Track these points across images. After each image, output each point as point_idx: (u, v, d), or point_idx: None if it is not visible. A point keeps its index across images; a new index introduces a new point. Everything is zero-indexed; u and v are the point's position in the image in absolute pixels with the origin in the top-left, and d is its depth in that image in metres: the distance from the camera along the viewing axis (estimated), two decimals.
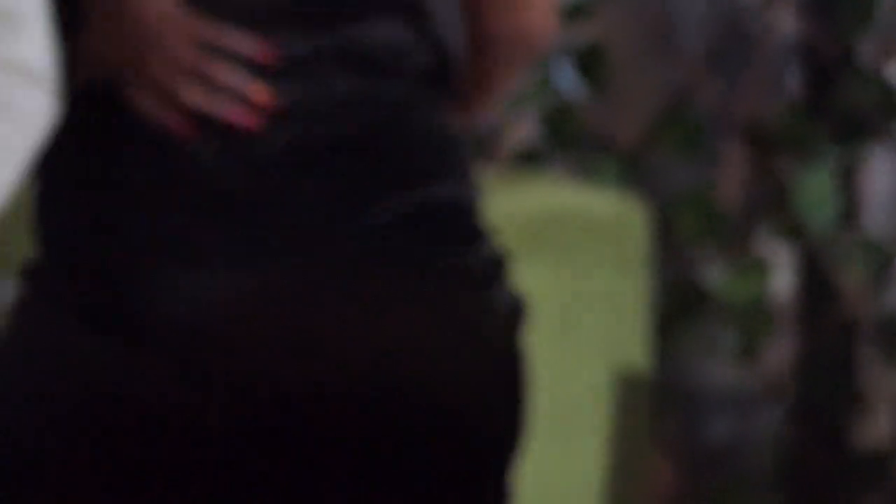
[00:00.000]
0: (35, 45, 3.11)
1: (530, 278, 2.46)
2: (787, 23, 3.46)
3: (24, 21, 3.15)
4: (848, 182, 3.15)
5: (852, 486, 3.13)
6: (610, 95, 3.34)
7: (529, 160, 2.87)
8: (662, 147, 3.25)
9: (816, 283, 3.12)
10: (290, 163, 1.09)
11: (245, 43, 1.36)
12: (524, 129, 3.34)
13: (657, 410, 3.21)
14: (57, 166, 1.04)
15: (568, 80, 3.00)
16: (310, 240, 1.41)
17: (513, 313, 1.37)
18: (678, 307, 3.04)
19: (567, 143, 2.92)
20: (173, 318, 1.38)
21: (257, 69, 1.32)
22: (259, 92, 1.05)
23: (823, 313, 3.13)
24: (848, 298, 3.11)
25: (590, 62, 2.96)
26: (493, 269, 1.37)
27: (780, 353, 3.26)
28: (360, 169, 1.01)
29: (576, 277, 2.44)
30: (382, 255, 1.39)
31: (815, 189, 3.06)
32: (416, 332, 1.38)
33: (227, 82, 0.93)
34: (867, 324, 3.13)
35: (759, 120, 3.44)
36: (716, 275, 3.18)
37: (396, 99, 1.41)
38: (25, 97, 2.95)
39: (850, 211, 3.12)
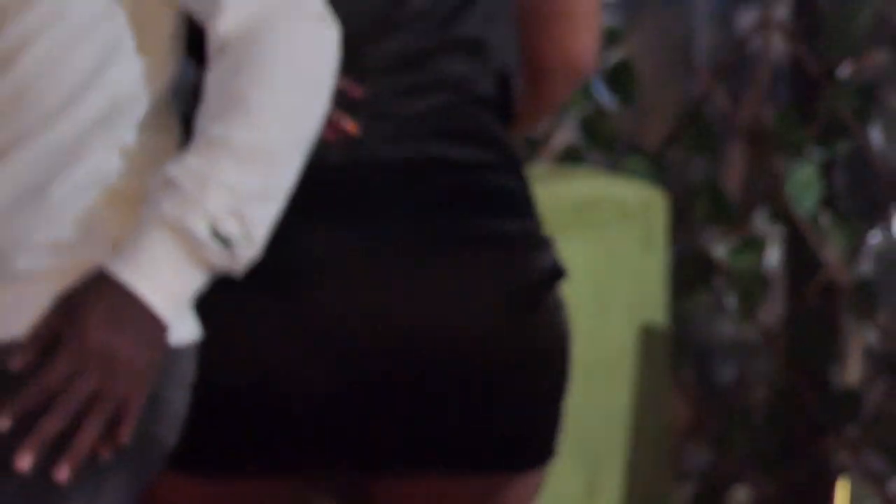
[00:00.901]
0: None
1: (572, 251, 2.65)
2: (779, 45, 3.67)
3: None
4: (828, 174, 3.39)
5: (833, 418, 3.36)
6: (637, 104, 3.50)
7: (571, 157, 3.16)
8: (680, 146, 3.45)
9: (803, 255, 3.36)
10: (395, 170, 1.46)
11: (343, 82, 1.44)
12: (566, 132, 3.70)
13: (674, 359, 3.42)
14: None
15: (602, 91, 3.27)
16: (399, 222, 1.45)
17: (554, 274, 1.48)
18: (691, 275, 3.36)
19: (602, 143, 3.25)
20: (313, 272, 1.43)
21: (357, 102, 1.45)
22: (347, 123, 1.41)
23: (808, 280, 3.36)
24: (828, 267, 3.33)
25: (620, 77, 3.25)
26: (539, 240, 1.48)
27: (773, 312, 3.60)
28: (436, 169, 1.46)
29: (609, 251, 2.69)
30: (455, 230, 1.45)
31: (802, 180, 3.26)
32: (475, 289, 1.44)
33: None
34: (843, 288, 3.35)
35: (758, 124, 3.55)
36: (722, 249, 3.37)
37: (468, 121, 1.50)
38: None
39: (829, 197, 3.39)
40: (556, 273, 1.58)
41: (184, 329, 1.46)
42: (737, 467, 3.39)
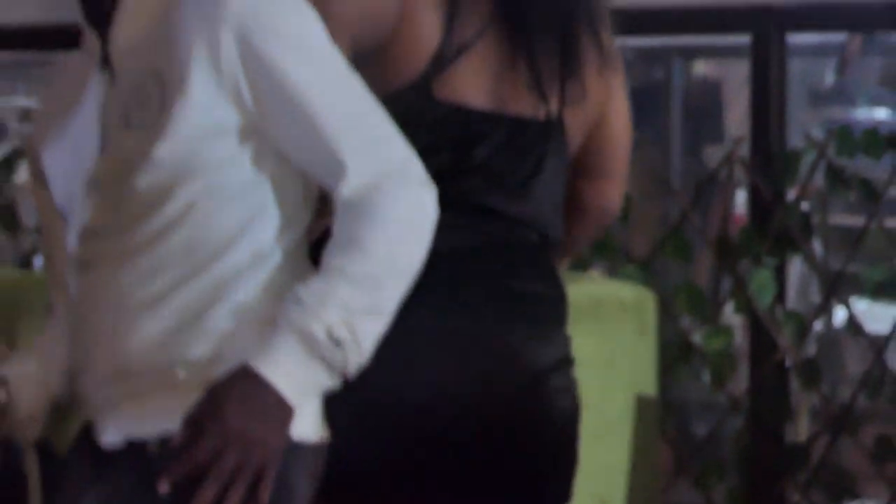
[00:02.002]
0: None
1: (582, 339, 2.48)
2: (741, 175, 4.02)
3: None
4: (780, 277, 3.75)
5: (787, 466, 3.76)
6: (629, 222, 3.72)
7: (579, 266, 3.57)
8: (664, 255, 3.92)
9: (762, 340, 3.76)
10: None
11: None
12: None
13: (662, 419, 3.66)
14: None
15: None
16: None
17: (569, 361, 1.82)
18: (676, 356, 3.75)
19: (604, 254, 3.74)
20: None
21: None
22: None
23: (767, 358, 3.74)
24: (782, 349, 3.70)
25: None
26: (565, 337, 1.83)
27: (739, 382, 3.85)
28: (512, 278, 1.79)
29: (611, 338, 3.08)
30: (531, 318, 1.79)
31: (761, 282, 3.68)
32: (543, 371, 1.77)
33: None
34: (794, 364, 3.75)
35: (725, 237, 3.94)
36: (699, 335, 3.78)
37: (522, 254, 1.80)
38: None
39: (781, 295, 3.79)
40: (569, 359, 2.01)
41: (311, 429, 1.72)
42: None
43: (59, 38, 4.36)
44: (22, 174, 4.73)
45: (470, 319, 2.03)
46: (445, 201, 1.81)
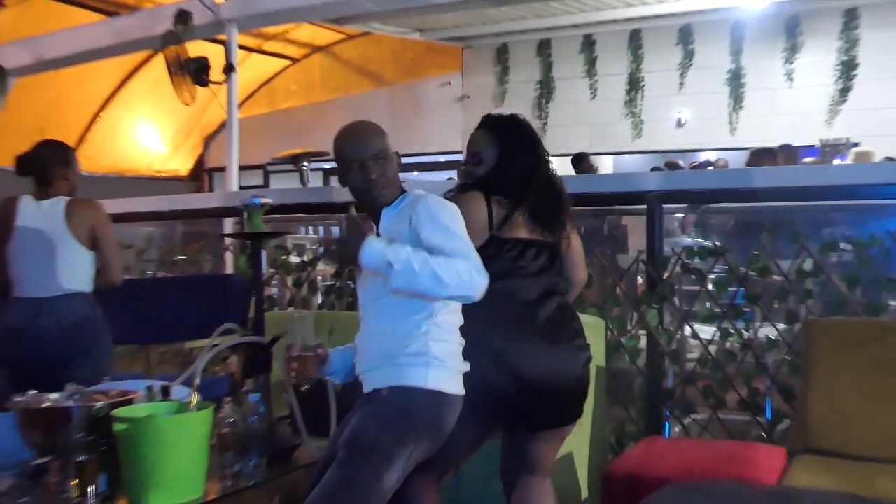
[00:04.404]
0: None
1: None
2: (642, 267, 5.26)
3: None
4: (660, 314, 5.07)
5: (663, 399, 5.06)
6: (591, 287, 5.00)
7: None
8: (608, 304, 5.31)
9: (652, 342, 5.11)
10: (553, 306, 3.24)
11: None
12: None
13: (607, 381, 4.71)
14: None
15: None
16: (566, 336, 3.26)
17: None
18: (613, 349, 4.97)
19: (578, 303, 4.46)
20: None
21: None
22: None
23: (654, 350, 5.16)
24: (661, 345, 4.97)
25: None
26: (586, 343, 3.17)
27: (641, 361, 5.22)
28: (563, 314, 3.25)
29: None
30: (573, 338, 3.29)
31: (651, 315, 5.12)
32: (580, 368, 3.31)
33: None
34: (666, 352, 5.09)
35: (636, 296, 5.40)
36: (624, 340, 5.20)
37: (563, 293, 3.33)
38: None
39: (660, 321, 5.02)
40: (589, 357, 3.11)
41: (455, 388, 2.97)
42: None
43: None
44: None
45: (555, 335, 3.35)
46: (524, 275, 3.22)
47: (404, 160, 3.09)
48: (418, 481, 3.11)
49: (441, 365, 2.91)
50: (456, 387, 2.92)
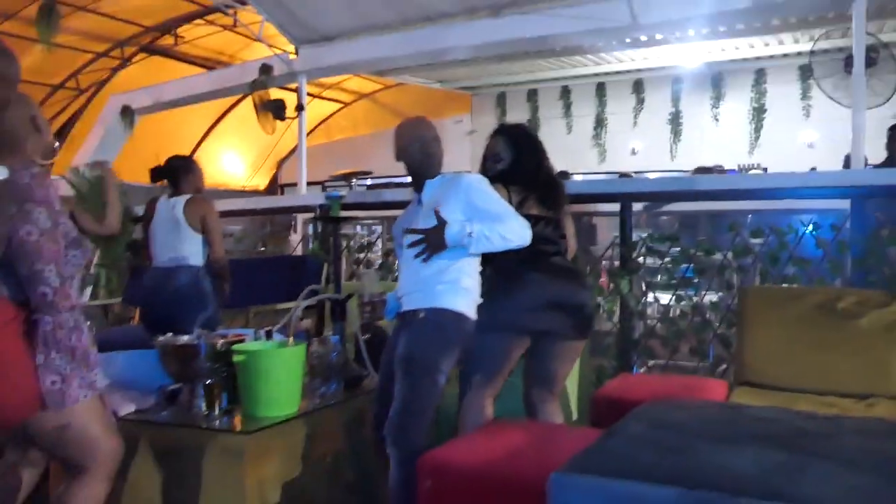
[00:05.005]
0: None
1: None
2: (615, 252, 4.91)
3: None
4: (630, 283, 4.84)
5: (632, 348, 4.85)
6: (576, 262, 4.01)
7: None
8: (589, 276, 5.03)
9: (624, 305, 4.82)
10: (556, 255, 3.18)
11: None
12: None
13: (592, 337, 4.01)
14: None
15: None
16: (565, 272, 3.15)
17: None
18: (594, 309, 4.28)
19: None
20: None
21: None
22: None
23: (625, 311, 4.88)
24: (631, 307, 4.76)
25: None
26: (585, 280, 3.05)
27: (616, 320, 4.90)
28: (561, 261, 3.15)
29: None
30: (572, 273, 3.13)
31: (624, 284, 4.88)
32: (583, 291, 3.18)
33: None
34: (635, 312, 4.89)
35: (612, 270, 5.11)
36: (603, 302, 4.96)
37: (560, 249, 3.19)
38: None
39: (630, 289, 4.80)
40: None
41: (469, 310, 2.93)
42: None
43: None
44: None
45: (566, 274, 3.26)
46: (539, 238, 3.04)
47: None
48: (480, 399, 3.11)
49: (467, 294, 2.95)
50: (473, 313, 2.97)
